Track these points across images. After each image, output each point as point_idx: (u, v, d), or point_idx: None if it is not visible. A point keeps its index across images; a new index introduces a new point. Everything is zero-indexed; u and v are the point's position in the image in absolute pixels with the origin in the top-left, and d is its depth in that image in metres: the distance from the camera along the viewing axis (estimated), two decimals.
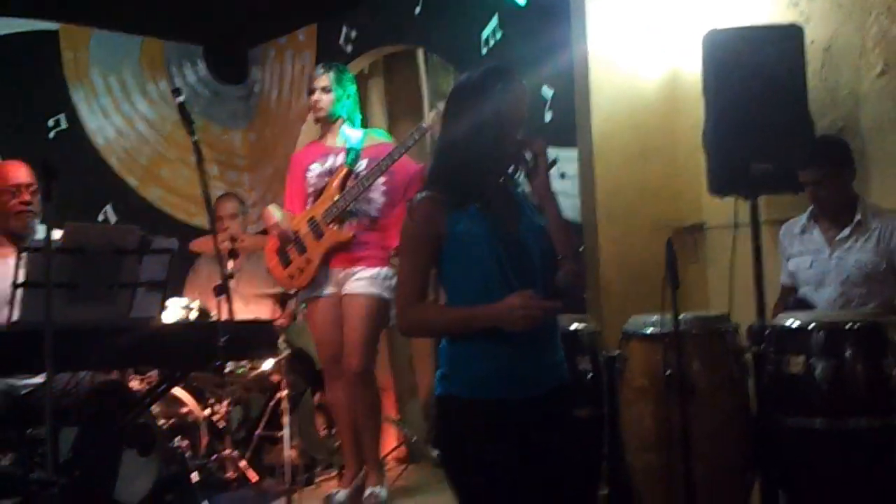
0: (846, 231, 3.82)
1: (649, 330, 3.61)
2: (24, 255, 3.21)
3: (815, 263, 3.89)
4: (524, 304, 2.43)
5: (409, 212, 2.61)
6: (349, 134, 4.72)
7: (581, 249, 2.70)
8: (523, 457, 2.54)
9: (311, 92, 4.73)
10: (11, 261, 3.33)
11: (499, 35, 5.44)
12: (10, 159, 4.23)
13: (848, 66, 4.27)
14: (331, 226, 4.60)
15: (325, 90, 4.70)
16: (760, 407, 3.56)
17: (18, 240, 3.93)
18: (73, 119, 6.43)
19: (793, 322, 3.44)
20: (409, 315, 2.59)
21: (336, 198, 4.60)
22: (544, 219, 2.65)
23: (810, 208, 3.95)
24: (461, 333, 2.56)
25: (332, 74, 4.72)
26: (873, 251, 3.75)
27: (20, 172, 4.05)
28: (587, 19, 4.73)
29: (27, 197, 3.99)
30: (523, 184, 2.72)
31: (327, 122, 4.76)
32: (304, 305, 4.91)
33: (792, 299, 4.02)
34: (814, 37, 4.28)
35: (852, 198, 3.85)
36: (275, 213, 4.71)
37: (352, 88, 4.79)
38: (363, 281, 4.58)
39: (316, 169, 4.71)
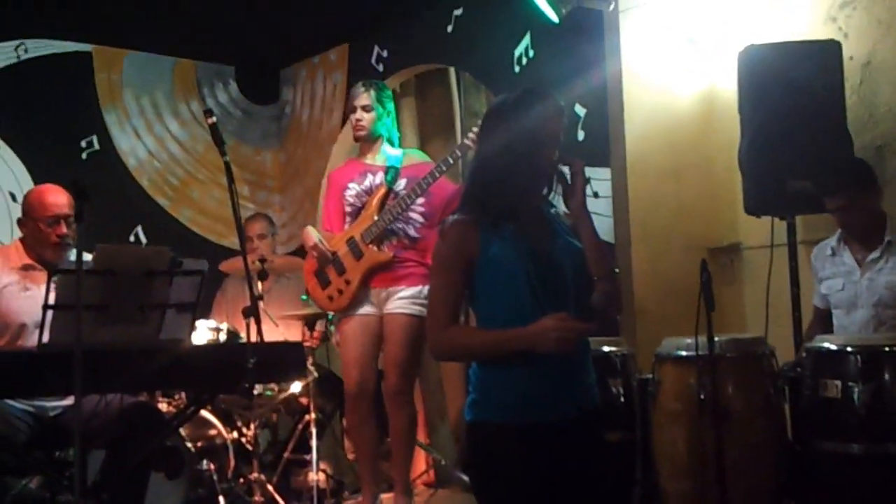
0: (876, 252, 3.75)
1: (683, 352, 3.55)
2: (55, 277, 3.21)
3: (846, 286, 3.82)
4: (558, 327, 2.40)
5: (442, 233, 2.61)
6: (389, 153, 4.70)
7: (616, 270, 2.66)
8: (554, 481, 2.51)
9: (353, 110, 4.70)
10: (44, 287, 3.32)
11: (531, 53, 5.42)
12: (48, 184, 4.14)
13: (887, 82, 4.20)
14: (370, 246, 4.56)
15: (366, 108, 4.67)
16: (796, 432, 3.49)
17: (51, 266, 3.93)
18: (106, 140, 6.47)
19: (829, 345, 3.37)
20: (440, 338, 2.57)
21: (375, 217, 4.56)
22: (579, 240, 2.62)
23: (839, 230, 3.87)
24: (494, 357, 2.53)
25: (372, 92, 4.69)
26: None
27: (60, 201, 3.98)
28: (621, 36, 4.70)
29: (64, 230, 3.96)
30: (558, 204, 2.69)
31: (367, 141, 4.72)
32: (332, 326, 4.87)
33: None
34: (852, 53, 4.22)
35: (881, 218, 3.78)
36: (313, 233, 4.68)
37: (391, 106, 4.76)
38: (405, 300, 4.54)
39: (354, 188, 4.67)
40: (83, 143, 6.38)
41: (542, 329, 2.41)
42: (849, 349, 3.31)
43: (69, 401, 3.60)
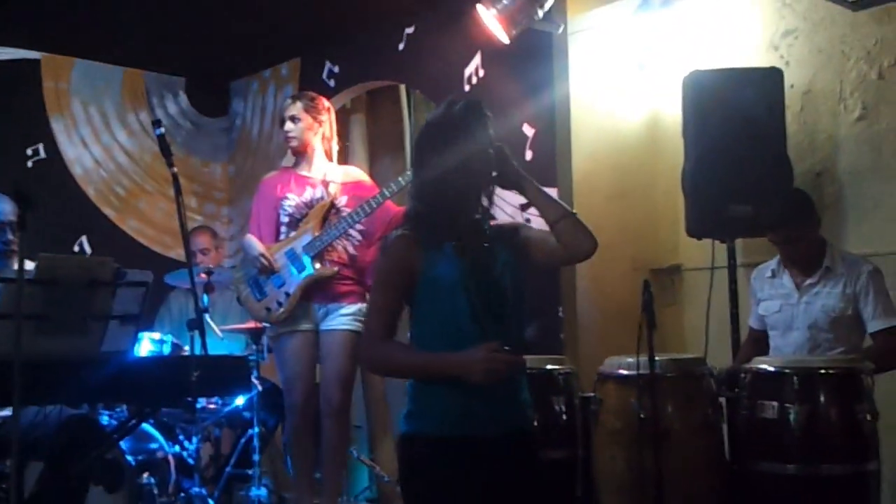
0: (814, 277, 3.83)
1: (624, 371, 3.58)
2: None
3: (783, 308, 3.90)
4: (487, 358, 2.41)
5: (384, 248, 2.62)
6: (327, 168, 4.69)
7: (574, 212, 2.69)
8: (487, 496, 2.51)
9: (282, 122, 4.70)
10: None
11: (481, 73, 5.46)
12: None
13: (827, 110, 4.31)
14: (313, 260, 4.54)
15: (294, 119, 4.66)
16: (734, 451, 3.53)
17: None
18: (52, 148, 6.41)
19: (767, 366, 3.43)
20: (373, 352, 2.58)
21: (316, 232, 4.55)
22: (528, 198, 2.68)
23: (779, 254, 3.96)
24: (424, 377, 2.55)
25: (299, 103, 4.68)
26: (840, 296, 3.76)
27: (4, 208, 3.97)
28: (569, 59, 4.77)
29: (9, 237, 3.92)
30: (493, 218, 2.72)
31: (300, 152, 4.72)
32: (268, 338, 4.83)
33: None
34: (793, 80, 4.33)
35: (821, 245, 3.86)
36: (257, 242, 4.62)
37: (324, 117, 4.74)
38: (346, 317, 4.53)
39: (293, 199, 4.63)
40: (29, 151, 6.32)
41: (471, 359, 2.42)
42: (786, 370, 3.37)
43: (7, 412, 3.54)
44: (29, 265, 3.12)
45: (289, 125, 4.66)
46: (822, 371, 3.35)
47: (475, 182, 2.61)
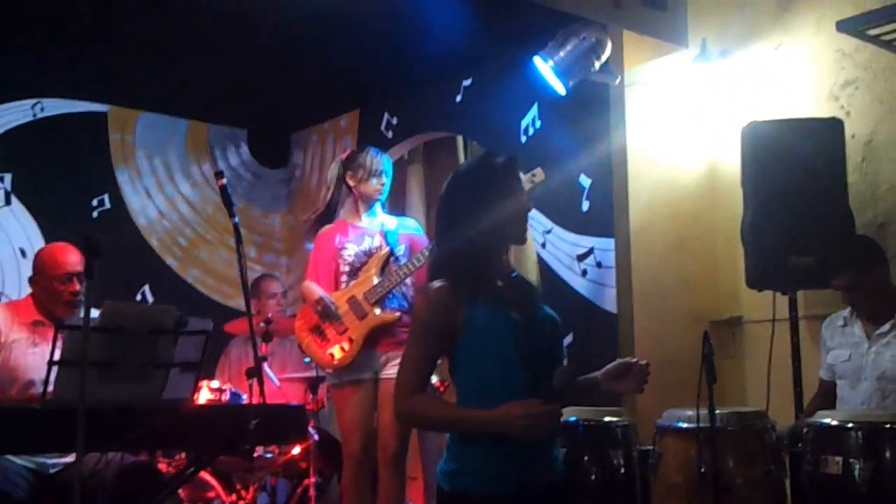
0: (886, 326, 3.76)
1: (684, 424, 3.53)
2: (61, 332, 3.23)
3: (853, 357, 3.83)
4: (525, 413, 2.41)
5: (425, 298, 2.58)
6: (384, 219, 4.75)
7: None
8: None
9: (378, 175, 4.73)
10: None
11: (538, 124, 5.49)
12: (61, 242, 4.18)
13: (889, 160, 4.26)
14: (374, 306, 4.57)
15: (386, 174, 4.74)
16: None
17: (61, 323, 3.95)
18: (117, 199, 6.56)
19: (830, 421, 3.36)
20: (408, 404, 2.54)
21: (376, 280, 4.58)
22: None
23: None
24: (467, 431, 2.53)
25: (389, 159, 4.79)
26: None
27: (73, 259, 4.02)
28: (626, 109, 4.77)
29: (77, 287, 3.99)
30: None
31: (368, 205, 4.76)
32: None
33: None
34: (854, 130, 4.28)
35: (891, 292, 3.80)
36: (316, 288, 4.68)
37: None
38: None
39: (352, 248, 4.68)
40: (94, 202, 6.47)
41: (508, 416, 2.41)
42: (850, 425, 3.29)
43: (70, 458, 3.59)
44: (94, 313, 3.17)
45: (384, 179, 4.72)
46: (888, 426, 3.27)
47: (508, 235, 2.62)
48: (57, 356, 3.14)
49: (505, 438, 2.44)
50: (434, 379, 3.28)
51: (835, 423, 3.34)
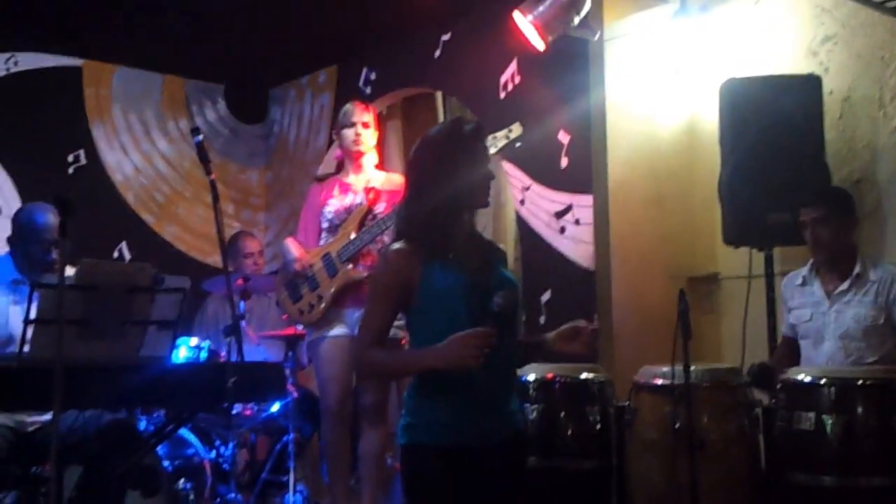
0: (845, 284, 3.77)
1: (660, 381, 3.57)
2: (36, 291, 3.21)
3: (814, 316, 3.85)
4: (459, 342, 2.47)
5: (383, 259, 2.72)
6: (372, 174, 4.73)
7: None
8: (482, 502, 2.63)
9: (351, 125, 4.70)
10: None
11: (517, 79, 5.47)
12: (38, 203, 4.13)
13: (866, 117, 4.26)
14: (346, 264, 4.57)
15: (366, 125, 4.70)
16: (770, 463, 3.50)
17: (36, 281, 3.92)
18: (93, 155, 6.50)
19: (803, 377, 3.39)
20: (364, 358, 2.68)
21: (353, 236, 4.58)
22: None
23: (811, 261, 3.91)
24: (413, 373, 2.65)
25: (372, 112, 4.75)
26: (871, 305, 3.71)
27: (50, 223, 3.95)
28: (605, 65, 4.75)
29: (53, 254, 3.96)
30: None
31: (354, 159, 4.74)
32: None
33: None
34: (832, 87, 4.28)
35: (852, 248, 3.81)
36: (293, 246, 4.69)
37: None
38: None
39: (334, 204, 4.69)
40: (70, 158, 6.41)
41: (445, 347, 2.49)
42: (822, 381, 3.33)
43: (47, 416, 3.59)
44: (69, 271, 3.16)
45: (361, 130, 4.68)
46: (860, 382, 3.31)
47: (472, 201, 2.69)
48: (33, 315, 3.13)
49: (457, 390, 2.56)
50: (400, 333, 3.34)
51: (807, 379, 3.38)
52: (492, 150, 4.39)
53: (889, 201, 4.17)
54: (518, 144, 4.31)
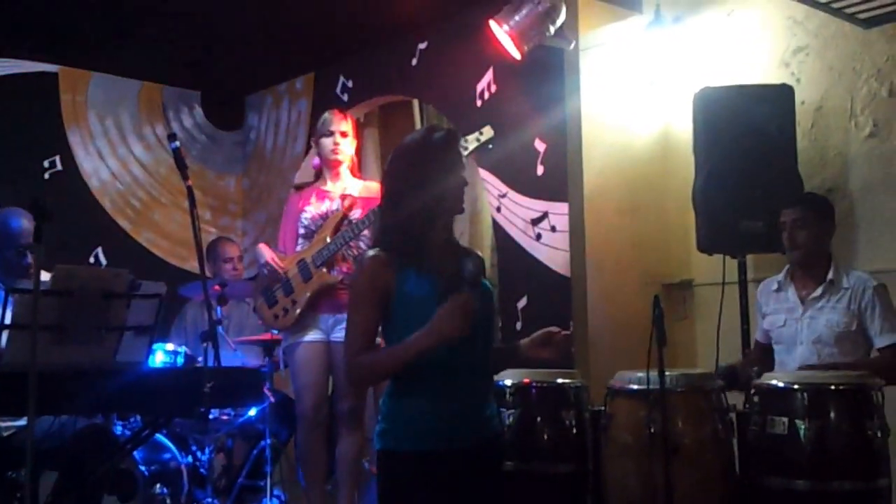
0: (818, 290, 3.82)
1: (635, 386, 3.58)
2: (12, 296, 3.20)
3: (788, 322, 3.89)
4: (447, 311, 2.48)
5: (359, 266, 2.71)
6: (349, 182, 4.74)
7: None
8: None
9: (329, 134, 4.71)
10: None
11: (493, 88, 5.50)
12: (12, 208, 4.12)
13: (838, 127, 4.32)
14: (320, 268, 4.58)
15: (344, 135, 4.71)
16: (744, 467, 3.53)
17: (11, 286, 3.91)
18: (69, 161, 6.49)
19: (776, 382, 3.43)
20: (356, 363, 2.63)
21: (328, 241, 4.60)
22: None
23: (787, 267, 3.95)
24: (408, 361, 2.57)
25: (350, 119, 4.76)
26: (844, 311, 3.76)
27: (25, 229, 3.95)
28: (580, 75, 4.78)
29: (29, 259, 3.94)
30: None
31: (332, 167, 4.75)
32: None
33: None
34: (804, 97, 4.34)
35: (827, 254, 3.87)
36: (266, 251, 4.70)
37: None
38: None
39: (311, 211, 4.70)
40: (46, 163, 6.40)
41: (434, 319, 2.49)
42: (795, 387, 3.35)
43: (23, 421, 3.57)
44: (45, 276, 3.15)
45: (339, 139, 4.69)
46: (833, 387, 3.34)
47: (446, 208, 2.70)
48: (8, 321, 3.12)
49: (431, 395, 2.59)
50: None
51: (781, 384, 3.41)
52: (463, 153, 4.42)
53: (860, 210, 4.24)
54: (490, 147, 4.33)
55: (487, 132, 4.34)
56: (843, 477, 3.25)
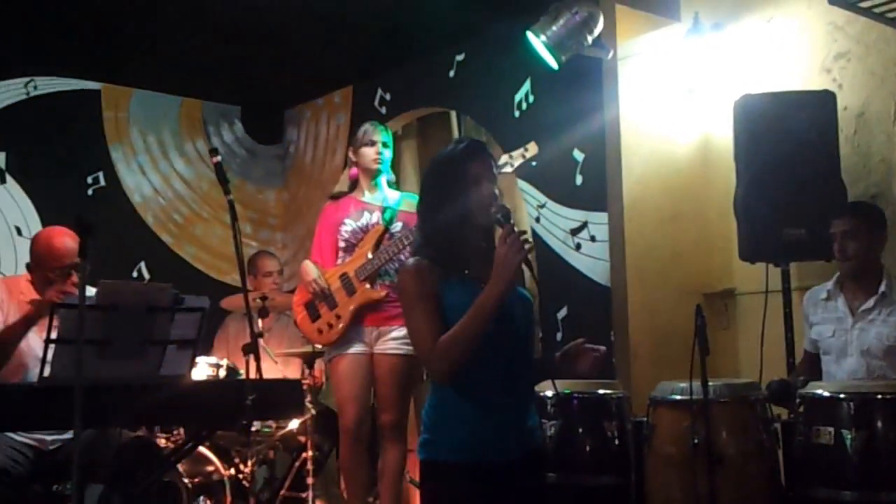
0: (870, 302, 3.76)
1: (677, 396, 3.57)
2: (57, 311, 3.24)
3: (837, 333, 3.83)
4: (505, 249, 2.49)
5: (405, 272, 2.69)
6: (388, 194, 4.76)
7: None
8: None
9: (370, 144, 4.74)
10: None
11: (531, 98, 5.50)
12: (56, 227, 4.11)
13: (881, 132, 4.27)
14: (364, 283, 4.60)
15: (385, 145, 4.75)
16: (789, 478, 3.49)
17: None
18: (112, 177, 6.56)
19: (822, 392, 3.39)
20: (436, 352, 2.57)
21: (370, 255, 4.60)
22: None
23: (836, 275, 3.90)
24: (488, 316, 2.52)
25: (390, 133, 4.81)
26: (895, 325, 3.70)
27: (69, 249, 3.94)
28: (619, 84, 4.77)
29: (74, 283, 3.96)
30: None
31: (370, 178, 4.77)
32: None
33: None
34: (847, 103, 4.29)
35: (879, 266, 3.81)
36: (312, 268, 4.72)
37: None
38: (396, 341, 4.56)
39: (350, 224, 4.71)
40: (89, 179, 6.47)
41: (495, 265, 2.50)
42: (841, 396, 3.32)
43: (69, 434, 3.62)
44: (90, 291, 3.19)
45: (382, 149, 4.73)
46: (879, 396, 3.30)
47: (474, 219, 2.68)
48: (54, 335, 3.16)
49: (475, 406, 2.59)
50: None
51: (827, 394, 3.37)
52: (508, 169, 4.44)
53: None
54: (534, 164, 4.34)
55: (532, 148, 4.35)
56: (892, 488, 3.21)
